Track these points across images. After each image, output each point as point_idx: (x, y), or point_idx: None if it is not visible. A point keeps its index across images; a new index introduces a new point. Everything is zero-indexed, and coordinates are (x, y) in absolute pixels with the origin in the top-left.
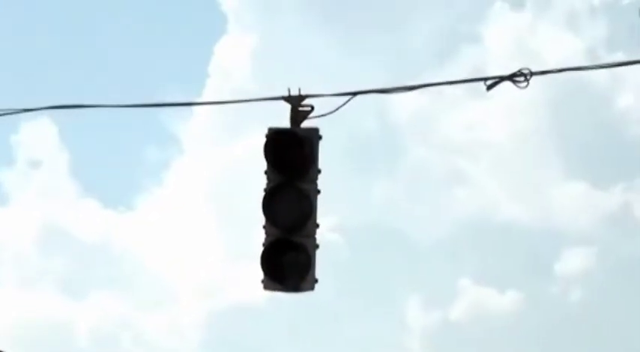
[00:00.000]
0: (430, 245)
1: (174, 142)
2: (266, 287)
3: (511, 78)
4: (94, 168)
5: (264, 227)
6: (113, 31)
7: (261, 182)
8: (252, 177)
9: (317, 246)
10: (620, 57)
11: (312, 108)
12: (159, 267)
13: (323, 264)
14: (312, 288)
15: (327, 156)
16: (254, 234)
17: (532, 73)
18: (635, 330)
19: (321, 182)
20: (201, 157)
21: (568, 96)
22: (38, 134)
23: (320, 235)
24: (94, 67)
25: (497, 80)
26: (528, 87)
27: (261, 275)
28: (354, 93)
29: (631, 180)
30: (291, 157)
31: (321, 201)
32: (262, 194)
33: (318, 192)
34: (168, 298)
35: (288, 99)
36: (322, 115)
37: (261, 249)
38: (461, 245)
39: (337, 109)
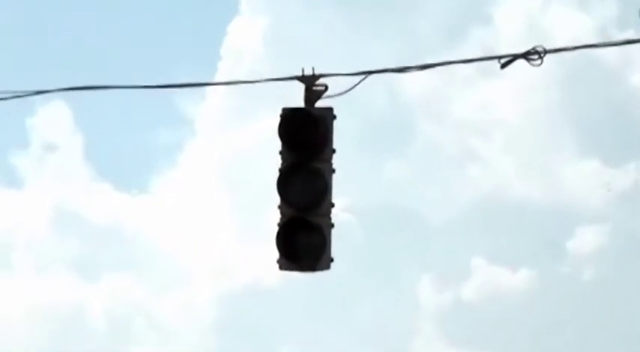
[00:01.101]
0: (443, 224)
1: (186, 124)
2: (282, 268)
3: (525, 56)
4: (106, 151)
5: (279, 207)
6: (125, 12)
7: (275, 163)
8: (266, 158)
9: (332, 225)
10: (631, 35)
11: (326, 87)
12: (172, 249)
13: (335, 244)
14: (328, 267)
15: (339, 136)
16: (267, 216)
17: (546, 51)
18: None
19: (334, 162)
20: (213, 139)
21: (579, 75)
22: (53, 117)
23: (333, 215)
24: (106, 49)
25: (511, 58)
26: (540, 66)
27: (274, 256)
28: (369, 73)
29: None
30: (306, 137)
31: (334, 181)
32: (276, 174)
33: (333, 171)
34: (182, 280)
35: (302, 78)
36: (336, 95)
37: (274, 230)
38: (473, 224)
39: (351, 89)
